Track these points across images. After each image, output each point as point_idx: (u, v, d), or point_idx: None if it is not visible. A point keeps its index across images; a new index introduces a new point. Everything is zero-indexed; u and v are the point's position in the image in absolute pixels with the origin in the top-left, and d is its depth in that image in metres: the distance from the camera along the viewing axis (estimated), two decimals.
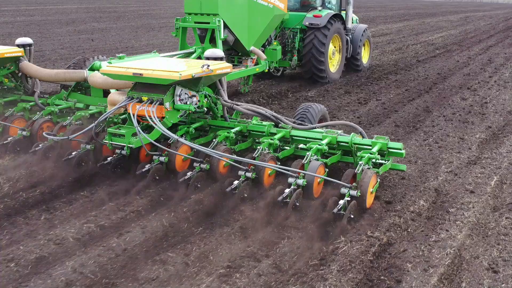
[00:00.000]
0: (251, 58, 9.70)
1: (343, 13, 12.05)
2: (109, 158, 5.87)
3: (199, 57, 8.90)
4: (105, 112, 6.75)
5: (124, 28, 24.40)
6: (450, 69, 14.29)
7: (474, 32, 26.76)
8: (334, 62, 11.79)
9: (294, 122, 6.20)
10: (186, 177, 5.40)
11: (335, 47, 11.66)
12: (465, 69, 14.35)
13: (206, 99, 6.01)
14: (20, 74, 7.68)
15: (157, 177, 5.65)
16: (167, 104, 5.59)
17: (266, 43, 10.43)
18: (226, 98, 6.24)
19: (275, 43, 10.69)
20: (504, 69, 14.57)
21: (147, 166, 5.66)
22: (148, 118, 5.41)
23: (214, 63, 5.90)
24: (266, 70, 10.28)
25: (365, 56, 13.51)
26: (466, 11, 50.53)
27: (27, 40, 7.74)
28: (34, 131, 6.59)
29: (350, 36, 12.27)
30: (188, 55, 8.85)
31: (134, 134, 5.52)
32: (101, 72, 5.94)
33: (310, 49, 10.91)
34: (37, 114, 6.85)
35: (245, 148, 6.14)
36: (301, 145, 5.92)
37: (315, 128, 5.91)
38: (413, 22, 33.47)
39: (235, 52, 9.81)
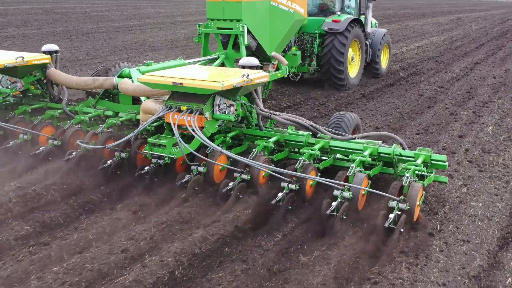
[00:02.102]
0: (272, 64, 9.65)
1: (362, 17, 12.01)
2: (146, 168, 5.81)
3: (223, 64, 8.87)
4: (136, 119, 6.76)
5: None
6: (398, 118, 9.41)
7: (462, 40, 23.04)
8: (353, 67, 11.75)
9: (329, 132, 6.16)
10: (228, 188, 5.34)
11: (354, 52, 11.62)
12: (423, 117, 9.41)
13: (241, 108, 5.96)
14: (45, 81, 7.60)
15: (196, 188, 5.60)
16: (206, 114, 5.54)
17: (286, 48, 10.39)
18: (262, 107, 6.20)
19: (294, 48, 10.65)
20: (488, 115, 9.53)
21: (186, 177, 5.60)
22: (189, 128, 5.36)
23: (253, 72, 5.85)
24: (286, 76, 10.23)
25: (384, 61, 13.48)
26: (461, 11, 47.16)
27: (54, 47, 7.65)
28: (66, 140, 6.52)
29: (370, 41, 12.23)
30: (211, 61, 8.80)
31: (175, 144, 5.47)
32: (139, 80, 5.88)
33: (329, 54, 10.87)
34: (67, 123, 6.77)
35: (282, 158, 6.09)
36: (338, 155, 5.90)
37: (355, 138, 5.86)
38: (395, 25, 29.74)
39: (256, 57, 9.73)
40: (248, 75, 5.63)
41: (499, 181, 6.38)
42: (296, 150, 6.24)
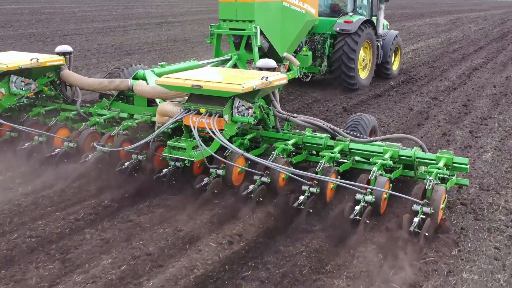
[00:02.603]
0: (284, 65, 9.62)
1: (373, 19, 11.95)
2: (164, 170, 5.77)
3: (235, 65, 8.84)
4: (151, 121, 6.72)
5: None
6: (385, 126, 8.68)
7: (460, 42, 21.64)
8: (364, 69, 11.69)
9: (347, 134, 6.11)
10: (249, 190, 5.30)
11: (365, 53, 11.57)
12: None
13: (259, 110, 5.92)
14: (59, 82, 7.57)
15: (215, 191, 5.56)
16: (226, 117, 5.50)
17: (298, 49, 10.34)
18: (279, 108, 6.16)
19: (304, 48, 10.61)
20: (486, 136, 8.19)
21: (205, 180, 5.56)
22: (209, 131, 5.32)
23: (271, 74, 5.81)
24: (297, 76, 10.19)
25: (395, 63, 13.42)
26: (460, 11, 44.96)
27: (67, 48, 7.62)
28: (81, 142, 6.49)
29: (381, 42, 12.17)
30: (224, 62, 8.77)
31: (194, 147, 5.43)
32: (157, 83, 5.84)
33: (340, 55, 10.81)
34: (82, 125, 6.73)
35: (301, 161, 6.05)
36: (356, 157, 5.87)
37: (374, 140, 5.82)
38: (391, 26, 24.53)
39: (267, 58, 9.68)
40: (267, 77, 5.59)
41: (500, 236, 4.92)
42: (313, 152, 6.21)
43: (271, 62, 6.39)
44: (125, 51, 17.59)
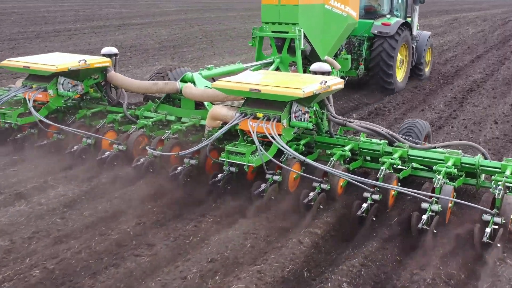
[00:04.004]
0: None
1: (408, 20, 11.81)
2: (219, 175, 5.68)
3: (277, 68, 8.74)
4: (200, 125, 6.64)
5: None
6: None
7: (454, 49, 18.77)
8: (401, 71, 11.56)
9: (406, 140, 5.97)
10: (309, 198, 5.19)
11: (402, 55, 11.44)
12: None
13: (313, 114, 5.82)
14: (103, 84, 7.53)
15: (273, 197, 5.46)
16: (284, 121, 5.41)
17: (338, 53, 10.23)
18: (334, 113, 6.05)
19: (343, 52, 10.49)
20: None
21: (263, 186, 5.46)
22: (268, 136, 5.24)
23: (329, 79, 5.71)
24: None
25: (427, 64, 13.28)
26: (459, 10, 40.80)
27: (113, 49, 7.58)
28: (130, 145, 6.43)
29: (415, 44, 12.03)
30: (266, 66, 8.68)
31: (253, 152, 5.35)
32: (213, 86, 5.77)
33: (378, 58, 10.69)
34: (131, 128, 6.68)
35: (358, 167, 5.93)
36: (413, 164, 5.74)
37: (435, 147, 5.68)
38: None
39: (307, 61, 9.59)
40: (326, 82, 5.49)
41: None
42: (368, 158, 6.09)
43: (326, 66, 6.28)
44: None
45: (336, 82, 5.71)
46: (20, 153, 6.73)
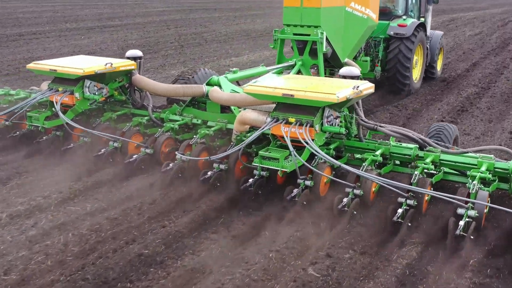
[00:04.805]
0: None
1: (421, 20, 11.79)
2: (250, 180, 5.69)
3: (299, 71, 8.73)
4: (227, 129, 6.64)
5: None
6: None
7: (448, 55, 16.66)
8: (416, 72, 11.54)
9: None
10: (343, 204, 5.19)
11: (417, 56, 11.42)
12: None
13: (343, 119, 5.82)
14: (127, 86, 7.53)
15: (305, 202, 5.45)
16: (316, 127, 5.42)
17: (357, 55, 10.22)
18: (363, 117, 6.04)
19: (361, 54, 10.48)
20: None
21: (295, 191, 5.46)
22: (302, 141, 5.25)
23: (360, 83, 5.71)
24: None
25: (439, 64, 13.27)
26: (457, 9, 38.37)
27: (138, 52, 7.59)
28: (158, 148, 6.44)
29: (429, 44, 12.02)
30: (288, 68, 8.67)
31: (286, 158, 5.36)
32: (245, 91, 5.77)
33: (395, 59, 10.67)
34: (158, 131, 6.69)
35: (388, 172, 5.92)
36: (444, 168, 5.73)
37: (467, 152, 5.67)
38: None
39: (327, 63, 9.59)
40: (358, 87, 5.50)
41: None
42: (397, 162, 6.08)
43: (355, 70, 6.28)
44: None
45: (367, 87, 5.71)
46: (47, 156, 6.75)
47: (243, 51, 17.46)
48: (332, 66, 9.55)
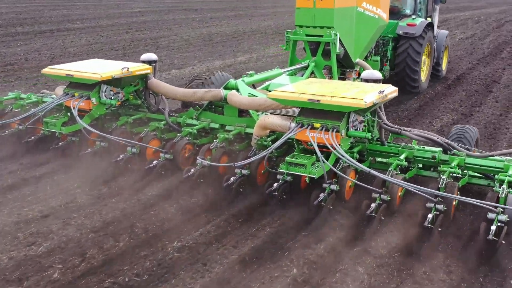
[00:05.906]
0: (355, 71, 9.47)
1: (428, 19, 11.80)
2: (275, 185, 5.65)
3: (312, 72, 8.70)
4: (245, 133, 6.59)
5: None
6: None
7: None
8: (424, 71, 11.55)
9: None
10: (371, 209, 5.16)
11: (425, 55, 11.43)
12: None
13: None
14: (142, 90, 7.46)
15: (331, 207, 5.43)
16: (342, 132, 5.39)
17: (368, 55, 10.19)
18: (386, 121, 6.02)
19: (372, 54, 10.46)
20: None
21: (321, 196, 5.43)
22: (329, 146, 5.22)
23: (385, 87, 5.67)
24: None
25: (444, 63, 13.29)
26: (452, 9, 36.84)
27: (153, 56, 7.51)
28: (177, 153, 6.39)
29: (435, 43, 12.03)
30: (301, 70, 8.63)
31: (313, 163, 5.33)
32: (269, 96, 5.73)
33: (404, 58, 10.68)
34: (177, 136, 6.63)
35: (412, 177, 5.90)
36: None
37: (492, 155, 5.66)
38: None
39: (339, 64, 9.55)
40: (383, 91, 5.47)
41: None
42: (420, 165, 6.06)
43: (377, 74, 6.24)
44: None
45: (391, 91, 5.69)
46: (64, 161, 6.70)
47: (191, 61, 15.45)
48: (343, 66, 9.51)
